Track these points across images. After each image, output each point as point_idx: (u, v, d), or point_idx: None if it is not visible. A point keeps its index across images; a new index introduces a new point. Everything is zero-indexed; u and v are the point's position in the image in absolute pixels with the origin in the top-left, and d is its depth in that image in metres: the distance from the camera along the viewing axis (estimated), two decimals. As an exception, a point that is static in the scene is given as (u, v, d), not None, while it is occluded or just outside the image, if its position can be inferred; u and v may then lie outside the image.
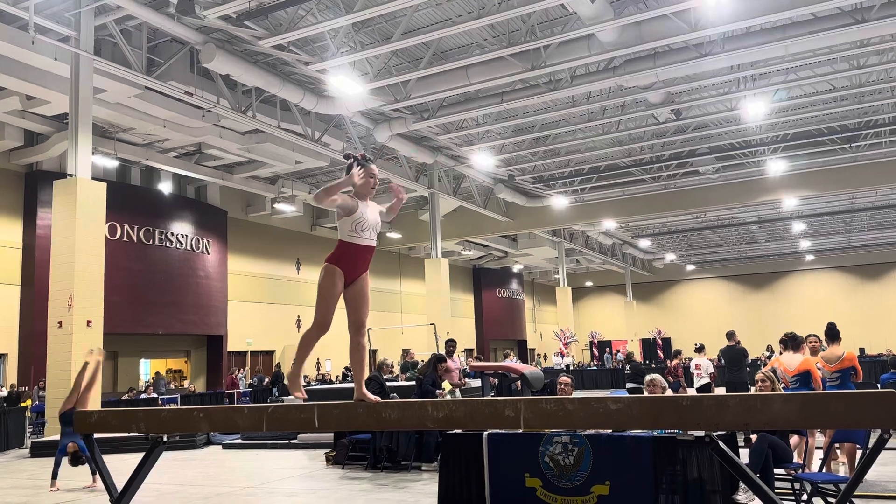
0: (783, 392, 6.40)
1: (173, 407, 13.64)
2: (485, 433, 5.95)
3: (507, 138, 20.16)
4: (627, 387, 14.78)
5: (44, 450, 12.12)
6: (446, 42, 14.50)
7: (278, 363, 24.03)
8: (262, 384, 21.18)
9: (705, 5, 12.27)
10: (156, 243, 20.52)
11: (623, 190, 25.47)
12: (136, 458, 4.19)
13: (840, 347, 7.67)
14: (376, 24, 13.79)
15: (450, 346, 11.38)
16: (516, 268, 40.67)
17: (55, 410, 12.54)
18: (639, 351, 38.44)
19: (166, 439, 4.21)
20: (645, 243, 37.10)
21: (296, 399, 4.08)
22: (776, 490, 5.50)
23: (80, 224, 12.70)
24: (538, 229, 29.32)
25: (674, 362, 15.41)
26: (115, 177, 19.64)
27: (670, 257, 41.08)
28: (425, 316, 23.70)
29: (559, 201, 25.25)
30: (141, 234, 20.07)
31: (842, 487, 4.39)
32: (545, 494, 5.63)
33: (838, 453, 7.05)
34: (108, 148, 18.09)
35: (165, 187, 21.50)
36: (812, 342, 7.90)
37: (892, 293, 39.63)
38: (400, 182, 22.00)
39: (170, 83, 14.09)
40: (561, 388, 7.71)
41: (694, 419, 3.07)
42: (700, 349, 13.58)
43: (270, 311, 25.16)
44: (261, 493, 8.17)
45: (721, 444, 3.14)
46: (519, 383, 14.19)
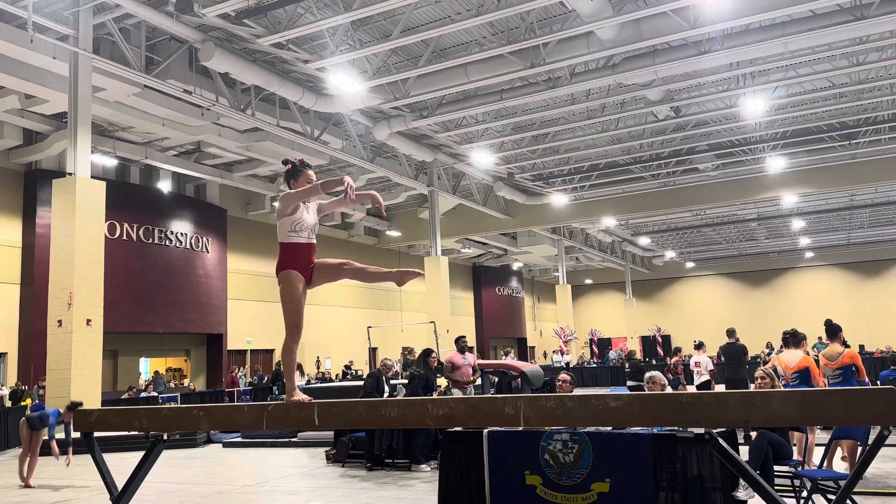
0: (783, 389, 6.41)
1: (173, 405, 13.65)
2: (485, 431, 5.95)
3: (507, 136, 20.16)
4: (628, 384, 14.80)
5: (43, 449, 12.11)
6: (445, 40, 14.48)
7: (278, 361, 24.03)
8: (262, 382, 21.20)
9: (704, 2, 12.27)
10: (155, 242, 20.51)
11: (622, 187, 25.47)
12: (137, 457, 4.20)
13: (840, 344, 7.67)
14: (375, 22, 13.78)
15: (462, 343, 11.14)
16: (516, 266, 40.67)
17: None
18: (639, 349, 38.46)
19: (166, 438, 4.21)
20: (644, 241, 37.10)
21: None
22: (776, 487, 5.50)
23: (80, 223, 12.70)
24: (538, 227, 29.31)
25: (674, 360, 15.43)
26: (115, 175, 19.63)
27: (670, 255, 41.09)
28: (425, 314, 23.71)
29: (559, 199, 25.24)
30: (140, 233, 20.07)
31: (842, 484, 4.39)
32: (545, 492, 5.63)
33: (839, 450, 7.06)
34: (108, 146, 18.08)
35: (165, 186, 21.49)
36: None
37: (892, 290, 39.63)
38: (399, 180, 22.02)
39: (169, 82, 14.08)
40: (560, 387, 7.71)
41: (694, 416, 3.07)
42: (699, 346, 13.59)
43: (270, 310, 25.10)
44: (261, 492, 8.18)
45: (721, 442, 3.15)
46: (519, 381, 14.20)
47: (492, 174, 23.84)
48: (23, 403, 14.99)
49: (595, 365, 31.18)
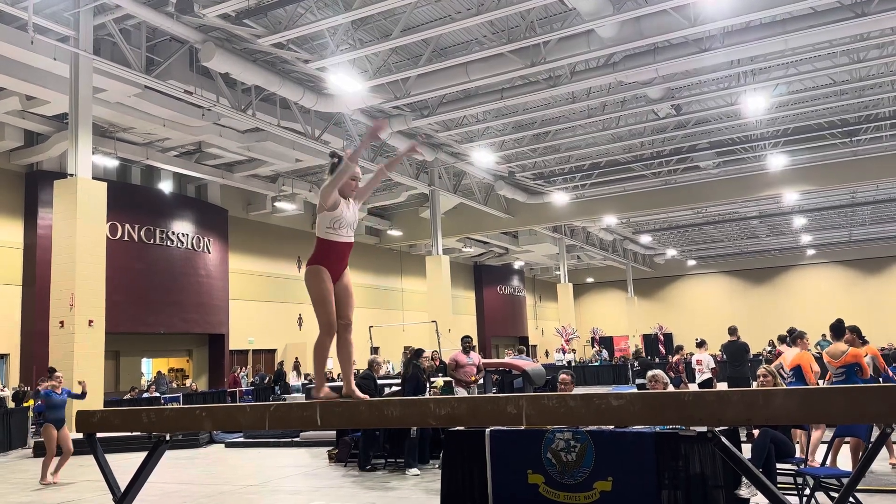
0: (785, 387, 6.41)
1: (176, 406, 13.66)
2: (487, 430, 5.95)
3: (507, 135, 20.15)
4: (637, 383, 14.77)
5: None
6: (445, 39, 14.48)
7: (280, 361, 24.05)
8: (264, 382, 21.20)
9: (705, 0, 12.26)
10: (157, 242, 20.52)
11: (623, 186, 25.45)
12: (139, 458, 4.20)
13: (845, 344, 7.66)
14: (375, 22, 13.78)
15: (466, 343, 11.16)
16: (517, 264, 40.66)
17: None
18: (641, 347, 38.42)
19: (169, 438, 4.21)
20: (646, 239, 37.07)
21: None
22: (779, 485, 5.49)
23: (81, 224, 12.71)
24: (539, 226, 29.30)
25: (675, 358, 15.42)
26: (116, 176, 19.64)
27: (671, 253, 41.05)
28: (426, 313, 23.72)
29: (560, 197, 25.22)
30: (142, 234, 20.08)
31: (845, 482, 4.39)
32: (548, 491, 5.63)
33: (844, 447, 7.06)
34: (109, 147, 18.09)
35: (166, 186, 21.51)
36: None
37: (894, 287, 39.58)
38: (400, 180, 22.02)
39: (169, 82, 14.09)
40: (561, 387, 7.70)
41: (696, 415, 3.07)
42: (701, 344, 13.58)
43: (272, 310, 25.17)
44: (264, 492, 8.18)
45: (723, 440, 3.14)
46: (522, 380, 14.20)
47: (493, 173, 23.84)
48: (25, 405, 15.02)
49: (598, 363, 31.17)
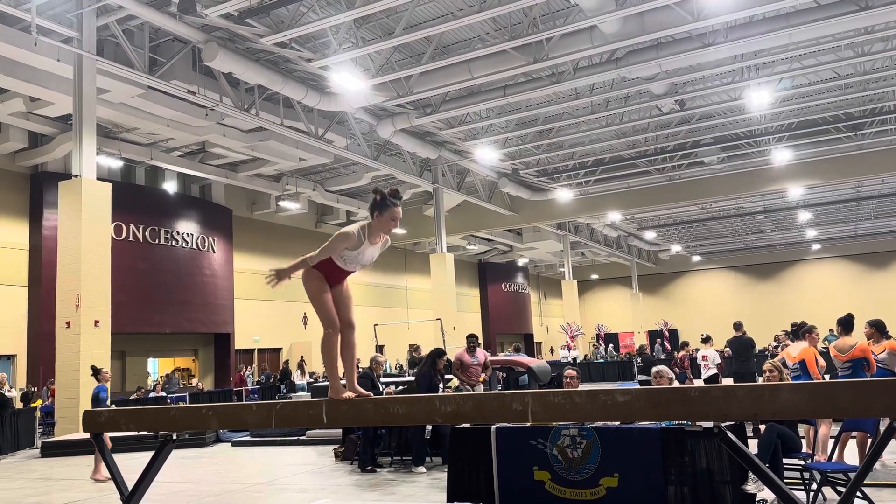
0: (791, 382, 6.40)
1: (182, 405, 13.70)
2: (493, 427, 5.96)
3: (511, 132, 20.13)
4: (639, 379, 14.78)
5: (54, 450, 12.20)
6: (448, 36, 14.47)
7: (286, 360, 24.10)
8: (270, 381, 21.25)
9: (708, -5, 12.23)
10: (162, 242, 20.57)
11: (628, 182, 25.40)
12: (146, 457, 4.21)
13: (853, 338, 7.64)
14: (378, 20, 13.77)
15: (472, 342, 10.88)
16: (521, 262, 40.64)
17: (64, 411, 12.64)
18: (646, 343, 38.39)
19: (175, 437, 4.22)
20: (650, 235, 37.01)
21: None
22: (785, 479, 5.49)
23: (86, 224, 12.74)
24: (543, 223, 29.28)
25: (681, 354, 15.40)
26: (120, 177, 19.70)
27: (676, 249, 40.98)
28: (431, 311, 23.72)
29: (564, 194, 25.20)
30: (147, 234, 20.13)
31: (852, 476, 4.38)
32: (554, 487, 5.63)
33: (850, 441, 7.04)
34: (113, 148, 18.14)
35: (170, 186, 21.55)
36: (865, 329, 7.80)
37: (900, 281, 39.46)
38: (404, 178, 22.02)
39: (172, 82, 14.11)
40: (567, 382, 7.70)
41: (702, 410, 3.06)
42: (707, 340, 13.56)
43: (277, 309, 25.21)
44: (271, 490, 8.20)
45: (730, 435, 3.13)
46: (527, 376, 14.22)
47: (496, 170, 23.82)
48: (33, 405, 15.10)
49: (603, 360, 31.17)
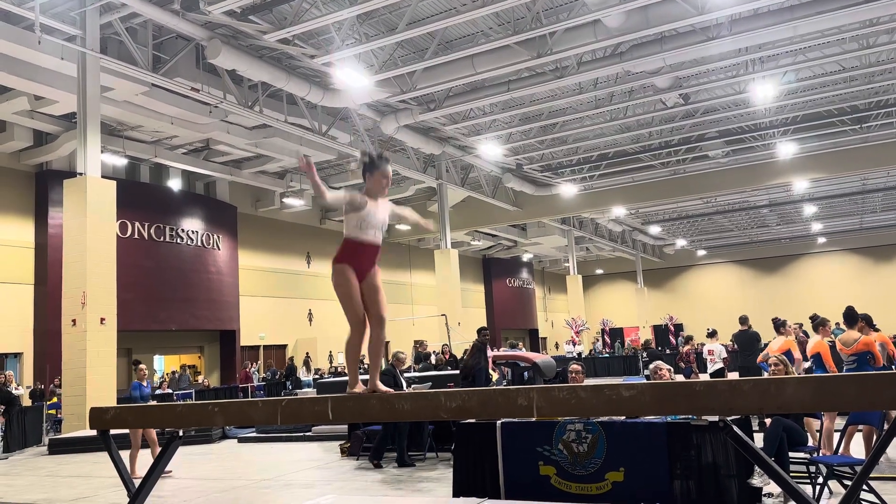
0: (797, 375, 6.39)
1: (189, 402, 13.74)
2: (498, 422, 5.96)
3: (515, 127, 20.10)
4: (645, 374, 14.78)
5: (61, 447, 12.26)
6: (451, 32, 14.44)
7: (291, 357, 24.15)
8: (276, 378, 21.30)
9: (712, -12, 12.18)
10: (167, 240, 20.62)
11: (632, 176, 25.35)
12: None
13: (857, 332, 7.63)
14: (381, 16, 13.75)
15: (486, 335, 10.68)
16: (526, 257, 40.61)
17: (71, 408, 12.69)
18: (651, 337, 38.35)
19: (182, 434, 4.24)
20: (655, 230, 36.94)
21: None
22: (791, 473, 5.48)
23: (91, 222, 12.79)
24: (547, 218, 29.24)
25: (686, 348, 15.39)
26: (125, 175, 19.74)
27: (681, 243, 40.90)
28: (436, 307, 23.73)
29: (568, 189, 25.16)
30: (152, 231, 20.17)
31: (858, 470, 4.37)
32: (559, 482, 5.64)
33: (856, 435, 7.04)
34: (117, 146, 18.17)
35: (175, 184, 21.59)
36: (792, 329, 7.94)
37: (906, 274, 39.31)
38: (408, 174, 22.03)
39: (176, 80, 14.12)
40: (572, 377, 7.72)
41: (708, 404, 3.06)
42: (712, 334, 13.54)
43: (282, 305, 25.27)
44: (277, 486, 8.23)
45: (735, 429, 3.13)
46: (531, 372, 14.21)
47: (500, 166, 23.80)
48: (51, 402, 15.26)
49: (607, 354, 31.14)
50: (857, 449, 7.02)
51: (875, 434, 6.39)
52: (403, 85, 15.72)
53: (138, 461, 8.97)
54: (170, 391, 17.26)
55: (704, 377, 12.98)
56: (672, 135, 21.96)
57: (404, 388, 9.76)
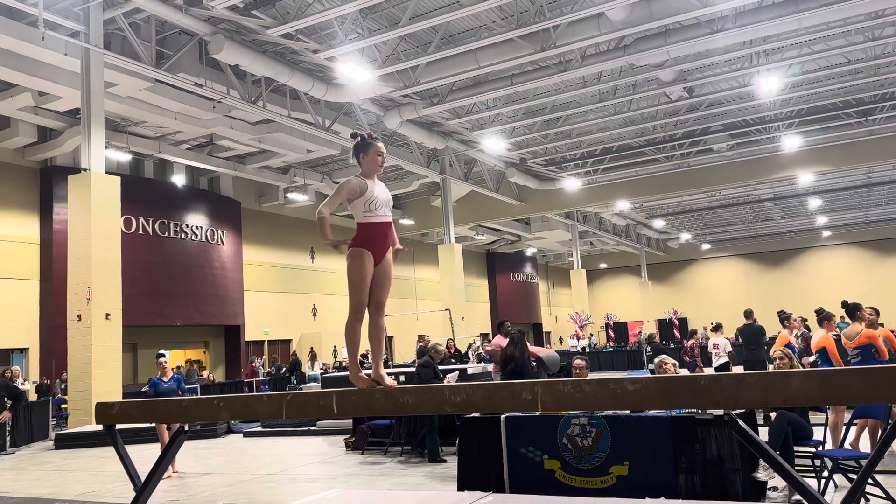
0: (802, 369, 6.38)
1: (194, 397, 13.79)
2: (502, 416, 5.97)
3: (518, 121, 20.06)
4: (650, 367, 14.77)
5: (68, 441, 12.31)
6: (454, 26, 14.41)
7: (294, 351, 24.21)
8: (280, 372, 21.35)
9: (716, -20, 12.12)
10: (171, 235, 20.65)
11: (636, 170, 25.29)
12: (158, 448, 4.24)
13: (860, 325, 7.61)
14: (383, 10, 13.73)
15: (507, 328, 10.74)
16: (530, 251, 40.58)
17: (77, 403, 12.75)
18: (656, 332, 38.34)
19: (187, 429, 4.25)
20: (659, 223, 36.87)
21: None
22: (796, 467, 5.48)
23: (96, 218, 12.81)
24: (551, 212, 29.21)
25: (690, 342, 15.37)
26: (129, 170, 19.77)
27: (685, 237, 40.82)
28: (440, 302, 23.76)
29: (572, 183, 25.12)
30: (156, 227, 20.21)
31: (863, 464, 4.37)
32: (564, 476, 5.64)
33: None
34: (121, 141, 18.19)
35: (179, 179, 21.61)
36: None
37: (912, 267, 39.18)
38: (411, 168, 22.02)
39: (179, 75, 14.13)
40: (576, 371, 7.70)
41: (713, 398, 3.05)
42: (717, 328, 13.51)
43: (286, 300, 25.31)
44: (282, 480, 8.25)
45: (740, 423, 3.13)
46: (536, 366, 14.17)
47: (504, 160, 23.76)
48: (62, 396, 15.36)
49: (612, 349, 31.14)
50: (864, 444, 7.00)
51: (880, 428, 6.37)
52: (406, 79, 15.69)
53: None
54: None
55: (709, 371, 12.97)
56: (676, 128, 21.90)
57: (443, 380, 9.71)
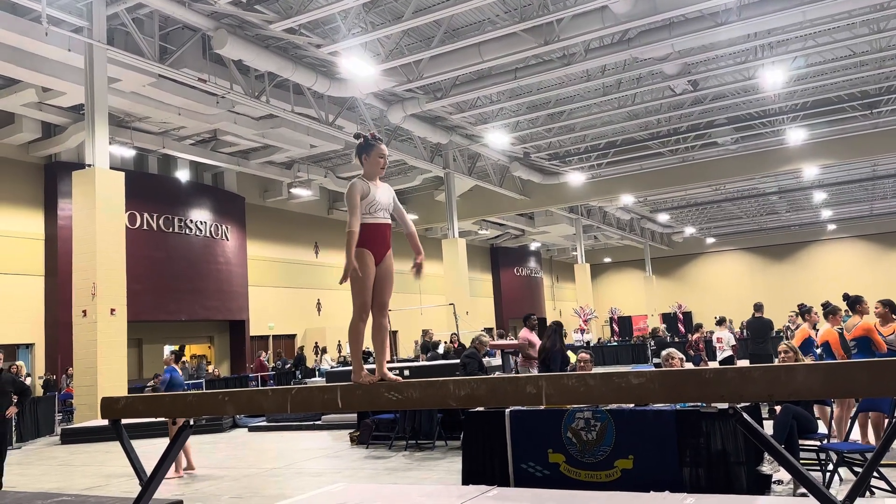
0: (807, 362, 6.37)
1: (199, 391, 13.83)
2: (507, 410, 5.98)
3: (522, 115, 20.01)
4: (654, 361, 14.77)
5: (73, 436, 12.37)
6: (458, 19, 14.36)
7: (300, 346, 24.25)
8: (285, 367, 21.41)
9: (721, -27, 12.06)
10: (175, 231, 20.69)
11: (640, 164, 25.23)
12: (164, 443, 4.26)
13: (860, 317, 7.60)
14: (387, 4, 13.69)
15: (532, 322, 11.04)
16: (534, 246, 40.55)
17: (83, 398, 12.80)
18: (661, 326, 38.29)
19: (193, 423, 4.27)
20: (664, 217, 36.80)
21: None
22: (801, 460, 5.48)
23: (100, 213, 12.84)
24: (555, 206, 29.16)
25: (695, 336, 15.36)
26: (133, 166, 19.79)
27: (690, 231, 40.74)
28: (444, 296, 23.76)
29: (576, 177, 25.07)
30: (160, 222, 20.24)
31: (868, 457, 4.36)
32: (569, 469, 5.65)
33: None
34: (125, 137, 18.21)
35: (183, 175, 21.64)
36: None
37: (917, 261, 39.03)
38: (415, 163, 22.00)
39: (183, 70, 14.12)
40: (581, 366, 7.72)
41: (717, 392, 3.05)
42: (721, 322, 13.49)
43: (291, 295, 25.34)
44: (288, 474, 8.28)
45: (745, 416, 3.12)
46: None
47: (507, 154, 23.73)
48: (68, 390, 15.45)
49: (616, 343, 31.14)
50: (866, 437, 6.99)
51: (885, 421, 6.36)
52: (410, 74, 15.67)
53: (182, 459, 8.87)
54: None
55: (713, 365, 12.96)
56: (681, 122, 21.83)
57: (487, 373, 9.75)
